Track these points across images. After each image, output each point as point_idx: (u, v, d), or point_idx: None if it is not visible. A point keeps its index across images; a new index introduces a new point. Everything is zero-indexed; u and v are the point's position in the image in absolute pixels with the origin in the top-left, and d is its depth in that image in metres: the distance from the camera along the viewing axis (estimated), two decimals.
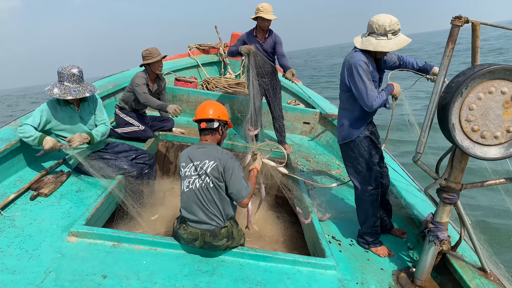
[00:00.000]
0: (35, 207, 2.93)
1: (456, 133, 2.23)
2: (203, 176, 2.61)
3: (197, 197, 2.60)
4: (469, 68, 2.27)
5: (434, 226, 2.60)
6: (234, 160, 2.68)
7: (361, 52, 2.81)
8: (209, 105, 2.82)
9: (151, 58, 4.51)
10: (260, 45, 5.04)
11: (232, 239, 2.66)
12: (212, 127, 2.77)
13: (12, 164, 3.32)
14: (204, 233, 2.58)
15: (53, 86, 3.33)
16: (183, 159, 2.73)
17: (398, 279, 2.77)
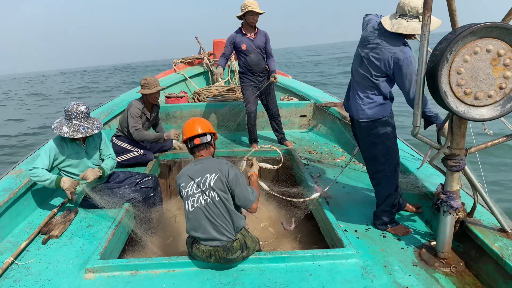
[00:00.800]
0: (48, 250, 2.92)
1: (450, 99, 2.20)
2: (207, 191, 2.57)
3: (204, 214, 2.57)
4: (450, 33, 2.24)
5: (446, 196, 2.56)
6: (234, 168, 2.66)
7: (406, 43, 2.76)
8: (196, 121, 2.82)
9: (147, 89, 4.50)
10: (251, 41, 5.02)
11: (247, 249, 2.63)
12: (206, 141, 2.77)
13: (19, 212, 3.32)
14: (216, 250, 2.54)
15: (60, 124, 3.36)
16: (183, 179, 2.68)
17: (421, 255, 2.74)
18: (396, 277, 2.49)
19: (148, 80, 4.54)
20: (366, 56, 2.89)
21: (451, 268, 2.58)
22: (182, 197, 2.69)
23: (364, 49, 2.92)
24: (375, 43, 2.83)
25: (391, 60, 2.74)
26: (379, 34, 2.83)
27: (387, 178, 3.03)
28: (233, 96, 6.95)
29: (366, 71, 2.91)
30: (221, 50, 8.83)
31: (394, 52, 2.73)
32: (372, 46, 2.85)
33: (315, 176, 4.27)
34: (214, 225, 2.56)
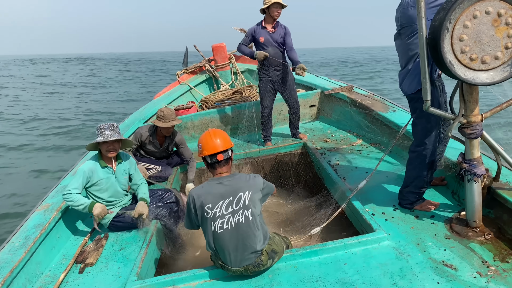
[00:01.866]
0: (86, 279, 2.98)
1: (456, 68, 2.18)
2: (241, 210, 2.49)
3: (233, 236, 2.49)
4: (446, 1, 2.21)
5: (468, 164, 2.54)
6: (259, 177, 2.66)
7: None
8: (216, 135, 2.70)
9: (162, 122, 4.43)
10: (270, 35, 5.02)
11: (276, 254, 2.60)
12: (228, 156, 2.70)
13: (52, 246, 3.39)
14: (247, 268, 2.52)
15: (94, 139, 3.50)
16: (209, 199, 2.53)
17: (452, 228, 2.72)
18: (431, 253, 2.48)
19: (165, 113, 4.44)
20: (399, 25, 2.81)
21: (485, 235, 2.55)
22: (206, 218, 2.54)
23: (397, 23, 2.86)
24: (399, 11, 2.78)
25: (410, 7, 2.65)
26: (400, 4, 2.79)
27: (420, 161, 2.93)
28: (239, 97, 6.97)
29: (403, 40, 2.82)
30: (221, 54, 8.93)
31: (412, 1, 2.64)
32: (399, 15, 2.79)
33: (335, 164, 4.26)
34: (244, 245, 2.49)
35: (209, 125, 6.27)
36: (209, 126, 6.27)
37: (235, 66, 8.91)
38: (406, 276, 2.31)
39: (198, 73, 9.14)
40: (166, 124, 4.41)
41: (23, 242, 3.09)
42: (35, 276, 3.04)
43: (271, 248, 2.57)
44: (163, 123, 4.42)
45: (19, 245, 3.06)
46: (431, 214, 2.95)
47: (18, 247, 3.03)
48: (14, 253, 2.95)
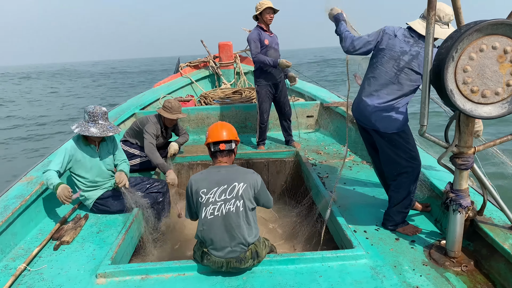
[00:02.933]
0: (60, 256, 2.95)
1: (456, 98, 2.19)
2: (233, 200, 2.53)
3: (223, 223, 2.51)
4: (455, 31, 2.24)
5: (455, 194, 2.55)
6: (259, 176, 2.68)
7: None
8: (224, 126, 2.81)
9: (169, 113, 4.47)
10: (272, 38, 5.05)
11: (258, 257, 2.60)
12: (231, 148, 2.76)
13: (30, 219, 3.36)
14: (229, 261, 2.51)
15: (84, 126, 3.38)
16: (204, 185, 2.58)
17: (431, 255, 2.73)
18: (406, 277, 2.48)
19: (172, 104, 4.49)
20: (407, 66, 2.80)
21: (462, 267, 2.56)
22: (200, 203, 2.58)
23: (401, 58, 2.82)
24: (414, 51, 2.78)
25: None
26: (415, 42, 2.80)
27: (409, 181, 2.98)
28: (239, 98, 6.97)
29: (406, 81, 2.83)
30: (227, 53, 8.93)
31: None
32: (412, 55, 2.78)
33: (323, 176, 4.27)
34: (232, 235, 2.51)
35: (205, 121, 6.26)
36: (205, 122, 6.26)
37: (239, 66, 8.93)
38: None
39: (202, 68, 9.14)
40: (172, 116, 4.45)
41: (1, 211, 3.06)
42: (8, 247, 3.01)
43: (255, 249, 2.58)
44: (169, 114, 4.45)
45: None
46: (412, 238, 2.96)
47: None
48: None
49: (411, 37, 2.82)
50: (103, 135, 3.37)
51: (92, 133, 3.35)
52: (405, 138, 2.95)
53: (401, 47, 2.82)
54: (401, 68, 2.82)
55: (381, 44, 2.92)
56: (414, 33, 2.83)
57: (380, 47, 2.92)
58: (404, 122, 2.91)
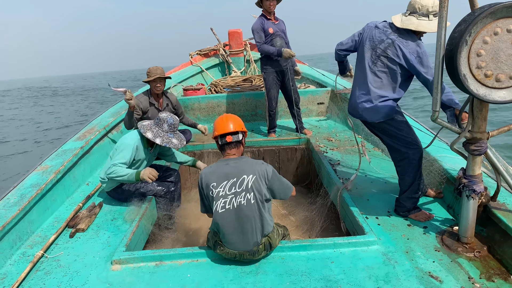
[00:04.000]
0: (76, 243, 3.01)
1: (470, 82, 2.16)
2: (243, 192, 2.51)
3: (233, 217, 2.51)
4: (469, 14, 2.19)
5: (467, 180, 2.53)
6: (269, 165, 2.63)
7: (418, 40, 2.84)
8: (229, 118, 2.79)
9: (148, 77, 4.51)
10: (276, 26, 5.02)
11: (271, 248, 2.62)
12: (238, 139, 2.74)
13: (46, 207, 3.43)
14: (242, 253, 2.53)
15: (167, 137, 3.53)
16: (213, 178, 2.57)
17: (443, 240, 2.72)
18: (419, 263, 2.49)
19: (150, 69, 4.55)
20: (383, 54, 2.90)
21: (475, 253, 2.56)
22: (211, 197, 2.58)
23: (378, 47, 2.94)
24: (389, 39, 2.87)
25: (411, 54, 2.78)
26: (392, 31, 2.89)
27: (412, 166, 3.00)
28: (249, 86, 6.96)
29: (383, 69, 2.92)
30: (237, 40, 8.89)
31: (412, 47, 2.79)
32: (388, 43, 2.88)
33: (335, 163, 4.27)
34: (244, 229, 2.51)
35: (215, 109, 6.27)
36: (216, 110, 6.27)
37: (249, 54, 8.88)
38: (390, 281, 2.33)
39: (212, 56, 9.12)
40: (150, 78, 4.47)
41: (18, 200, 3.12)
42: (26, 234, 3.07)
43: (269, 241, 2.58)
44: (148, 78, 4.50)
45: (14, 202, 3.09)
46: (424, 224, 2.95)
47: (13, 204, 3.06)
48: (8, 209, 2.98)
49: (390, 28, 2.91)
50: (182, 146, 3.59)
51: (174, 145, 3.52)
52: (395, 126, 2.99)
53: (379, 36, 2.94)
54: (378, 56, 2.94)
55: (363, 36, 3.07)
56: (393, 24, 2.91)
57: (362, 40, 3.07)
58: (389, 111, 2.95)
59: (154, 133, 3.50)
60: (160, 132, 3.52)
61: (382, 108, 2.96)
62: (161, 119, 3.55)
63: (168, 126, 3.53)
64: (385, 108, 2.95)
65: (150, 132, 3.49)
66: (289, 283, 2.36)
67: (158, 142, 3.45)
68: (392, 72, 2.90)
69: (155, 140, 3.45)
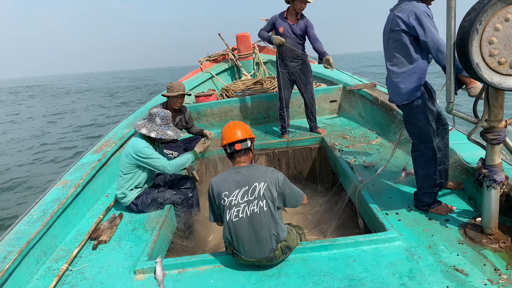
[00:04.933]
0: (99, 255, 3.06)
1: (483, 71, 2.13)
2: (256, 200, 2.49)
3: (247, 226, 2.49)
4: (478, 2, 2.16)
5: (488, 170, 2.49)
6: (280, 173, 2.61)
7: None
8: (237, 125, 2.79)
9: (170, 92, 4.59)
10: (290, 27, 5.01)
11: (290, 249, 2.60)
12: (247, 146, 2.73)
13: (68, 221, 3.48)
14: (259, 261, 2.52)
15: (161, 130, 3.58)
16: (225, 187, 2.56)
17: (466, 233, 2.68)
18: (442, 257, 2.45)
19: (173, 84, 4.63)
20: (390, 31, 2.89)
21: (500, 243, 2.51)
22: (223, 206, 2.56)
23: (386, 26, 2.95)
24: (392, 14, 2.89)
25: (409, 17, 2.73)
26: (395, 7, 2.90)
27: (424, 160, 2.97)
28: (260, 88, 6.96)
29: (393, 43, 2.89)
30: (245, 44, 8.93)
31: (408, 9, 2.76)
32: (390, 18, 2.90)
33: (351, 161, 4.24)
34: (259, 236, 2.49)
35: (228, 114, 6.29)
36: (228, 115, 6.29)
37: (257, 57, 8.90)
38: (415, 277, 2.30)
39: (221, 61, 9.16)
40: (174, 93, 4.56)
41: (41, 215, 3.18)
42: (50, 249, 3.13)
43: (286, 245, 2.57)
44: (171, 93, 4.58)
45: (37, 217, 3.15)
46: (445, 218, 2.91)
47: (36, 220, 3.12)
48: (32, 225, 3.04)
49: (396, 6, 2.92)
50: (178, 137, 3.63)
51: (170, 136, 3.56)
52: (414, 114, 2.93)
53: (388, 17, 2.96)
54: (387, 35, 2.94)
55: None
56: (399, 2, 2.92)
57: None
58: (410, 92, 2.88)
59: (148, 128, 3.56)
60: (154, 127, 3.57)
61: (403, 88, 2.89)
62: (152, 114, 3.61)
63: (161, 119, 3.58)
64: (406, 88, 2.88)
65: (145, 128, 3.55)
66: (312, 284, 2.36)
67: (153, 135, 3.51)
68: (402, 44, 2.84)
69: (150, 134, 3.51)
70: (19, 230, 3.00)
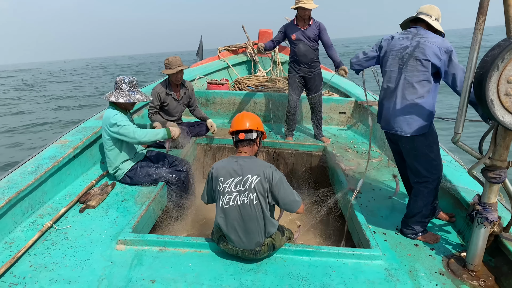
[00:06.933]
0: (85, 219, 3.07)
1: (496, 109, 2.12)
2: (246, 192, 2.51)
3: (238, 215, 2.52)
4: (504, 40, 2.15)
5: (482, 207, 2.49)
6: (278, 172, 2.60)
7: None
8: (246, 116, 2.78)
9: (170, 69, 4.57)
10: (302, 32, 5.01)
11: (274, 249, 2.62)
12: (251, 138, 2.71)
13: (61, 180, 3.50)
14: (244, 252, 2.54)
15: (129, 95, 3.58)
16: (222, 173, 2.60)
17: (449, 265, 2.68)
18: (421, 284, 2.45)
19: (169, 60, 4.60)
20: (410, 58, 2.80)
21: (480, 281, 2.51)
22: (218, 191, 2.61)
23: (404, 54, 2.85)
24: (415, 41, 2.80)
25: (440, 51, 2.69)
26: (415, 35, 2.84)
27: (428, 191, 2.92)
28: (272, 86, 6.96)
29: (413, 73, 2.80)
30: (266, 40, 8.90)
31: (440, 43, 2.71)
32: (413, 46, 2.80)
33: (349, 174, 4.24)
34: (246, 228, 2.52)
35: (236, 106, 6.30)
36: (237, 107, 6.30)
37: (276, 55, 8.89)
38: None
39: (239, 53, 9.15)
40: (172, 71, 4.55)
41: (35, 169, 3.20)
42: (38, 204, 3.15)
43: (272, 243, 2.59)
44: (170, 70, 4.57)
45: (31, 171, 3.17)
46: (431, 246, 2.91)
47: (30, 173, 3.13)
48: (25, 177, 3.06)
49: (409, 33, 2.89)
50: (148, 100, 3.66)
51: (139, 99, 3.57)
52: (427, 144, 2.87)
53: (401, 44, 2.90)
54: (405, 61, 2.85)
55: (383, 50, 3.05)
56: (412, 28, 2.90)
57: (383, 54, 3.04)
58: (424, 123, 2.82)
59: (116, 95, 3.56)
60: (122, 93, 3.58)
61: (416, 119, 2.82)
62: (118, 81, 3.62)
63: (127, 84, 3.60)
64: (420, 119, 2.81)
65: (113, 96, 3.56)
66: (288, 286, 2.36)
67: (122, 101, 3.52)
68: (422, 75, 2.78)
69: (119, 100, 3.52)
70: (11, 180, 3.02)
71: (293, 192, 2.64)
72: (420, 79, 2.79)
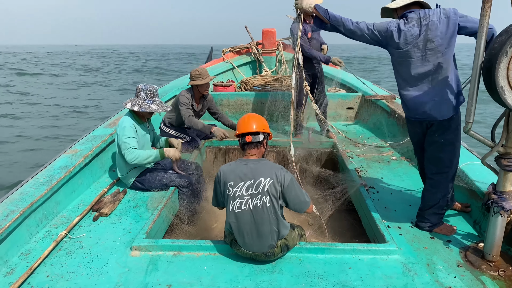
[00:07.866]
0: (98, 227, 3.09)
1: (507, 95, 2.09)
2: (259, 195, 2.47)
3: (249, 218, 2.49)
4: (511, 25, 2.12)
5: (497, 196, 2.45)
6: (289, 173, 2.58)
7: None
8: (252, 118, 2.74)
9: (200, 80, 4.59)
10: (311, 27, 5.03)
11: (288, 248, 2.60)
12: (258, 140, 2.68)
13: (73, 189, 3.52)
14: (257, 255, 2.53)
15: (144, 103, 3.56)
16: (231, 177, 2.55)
17: (467, 256, 2.64)
18: (439, 277, 2.42)
19: (200, 71, 4.64)
20: (429, 41, 2.67)
21: (499, 271, 2.47)
22: (227, 195, 2.56)
23: (418, 41, 2.72)
24: (424, 26, 2.69)
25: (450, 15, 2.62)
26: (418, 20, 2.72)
27: (447, 181, 2.88)
28: (279, 86, 6.94)
29: (434, 56, 2.69)
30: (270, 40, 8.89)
31: (444, 12, 2.65)
32: (425, 30, 2.68)
33: (359, 169, 4.21)
34: (259, 232, 2.49)
35: (244, 107, 6.29)
36: (244, 107, 6.29)
37: (281, 54, 8.86)
38: None
39: (244, 54, 9.14)
40: (205, 80, 4.60)
41: (47, 180, 3.22)
42: (52, 214, 3.17)
43: (285, 243, 2.57)
44: (201, 80, 4.60)
45: (43, 182, 3.19)
46: (447, 238, 2.88)
47: (42, 184, 3.16)
48: (37, 188, 3.09)
49: (412, 19, 2.73)
50: (163, 111, 3.60)
51: (153, 110, 3.54)
52: (455, 128, 2.77)
53: (412, 33, 2.72)
54: (423, 48, 2.71)
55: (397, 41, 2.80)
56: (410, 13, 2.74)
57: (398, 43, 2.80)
58: (456, 102, 2.73)
59: (133, 102, 3.56)
60: (138, 101, 3.57)
61: (450, 100, 2.70)
62: (137, 89, 3.62)
63: (144, 93, 3.58)
64: (452, 99, 2.70)
65: (130, 103, 3.56)
66: (304, 284, 2.35)
67: (136, 109, 3.51)
68: (442, 54, 2.67)
69: (133, 108, 3.51)
70: (24, 192, 3.04)
71: (303, 192, 2.62)
72: (442, 61, 2.68)
